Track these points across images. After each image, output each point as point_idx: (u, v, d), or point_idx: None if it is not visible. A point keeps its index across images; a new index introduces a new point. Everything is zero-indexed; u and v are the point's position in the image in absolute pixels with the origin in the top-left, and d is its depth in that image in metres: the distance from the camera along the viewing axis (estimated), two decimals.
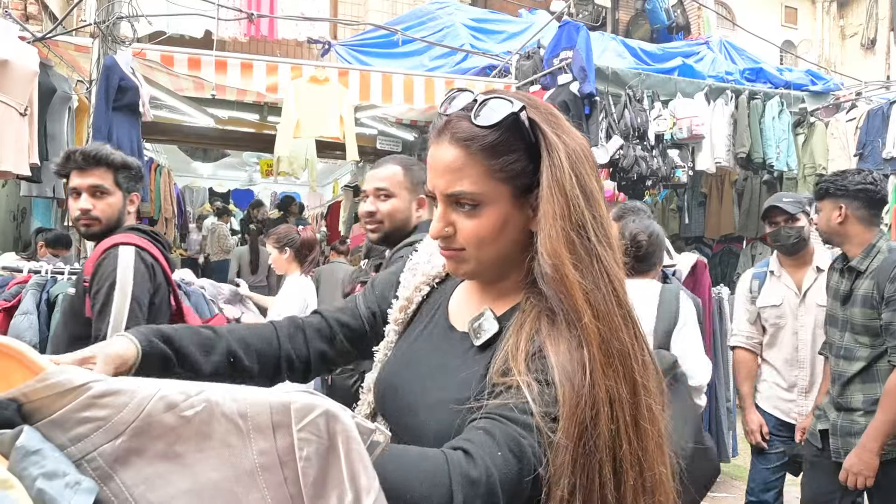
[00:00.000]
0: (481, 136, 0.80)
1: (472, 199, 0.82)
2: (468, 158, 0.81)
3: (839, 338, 2.27)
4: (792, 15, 10.93)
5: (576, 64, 4.38)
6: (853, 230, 2.23)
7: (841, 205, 2.22)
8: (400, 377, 0.93)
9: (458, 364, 0.86)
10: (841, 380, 2.24)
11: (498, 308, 0.88)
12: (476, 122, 0.80)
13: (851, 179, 2.23)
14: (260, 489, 0.62)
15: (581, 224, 0.79)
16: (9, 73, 3.31)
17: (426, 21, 6.00)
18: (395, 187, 1.88)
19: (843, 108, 5.80)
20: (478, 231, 0.83)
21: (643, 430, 0.75)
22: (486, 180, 0.81)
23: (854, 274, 2.22)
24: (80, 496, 0.51)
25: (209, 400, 0.61)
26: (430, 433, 0.82)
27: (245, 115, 6.18)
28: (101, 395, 0.58)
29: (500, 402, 0.73)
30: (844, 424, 2.23)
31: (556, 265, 0.77)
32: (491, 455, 0.67)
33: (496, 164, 0.81)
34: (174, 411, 0.59)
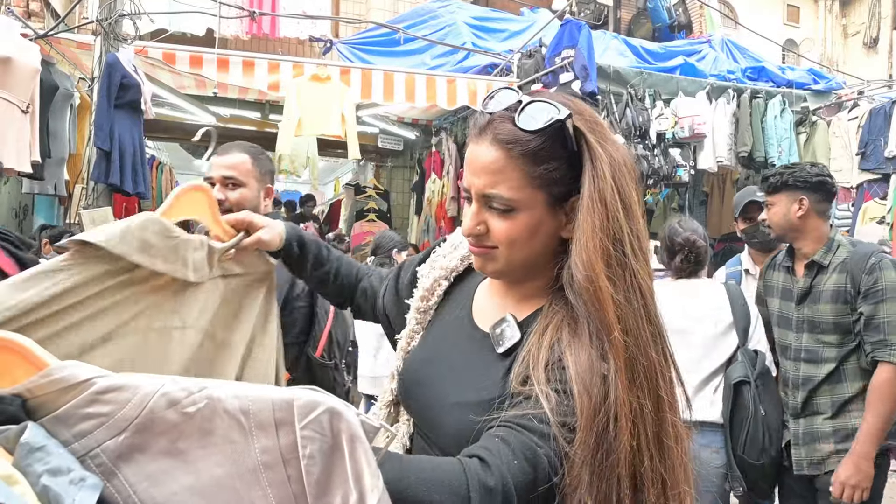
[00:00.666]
0: (524, 140, 0.79)
1: (507, 204, 0.81)
2: (508, 161, 0.80)
3: (794, 339, 2.11)
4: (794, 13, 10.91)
5: (577, 62, 4.37)
6: (812, 224, 2.09)
7: (801, 197, 2.08)
8: (423, 372, 0.94)
9: (479, 367, 0.87)
10: (808, 385, 2.06)
11: (521, 312, 0.88)
12: (520, 124, 0.79)
13: (810, 171, 2.11)
14: (262, 487, 0.62)
15: (618, 237, 0.78)
16: (11, 71, 3.32)
17: (428, 19, 5.99)
18: (244, 176, 1.82)
19: (846, 107, 5.79)
20: (510, 233, 0.82)
21: (666, 447, 0.74)
22: (524, 186, 0.80)
23: (815, 269, 2.07)
24: (84, 492, 0.51)
25: (211, 396, 0.61)
26: (450, 432, 0.84)
27: (247, 113, 6.19)
28: (105, 391, 0.58)
29: (518, 411, 0.73)
30: (808, 431, 2.07)
31: (590, 277, 0.76)
32: (507, 463, 0.68)
33: (535, 171, 0.80)
34: (176, 408, 0.59)
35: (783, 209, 2.11)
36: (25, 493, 0.48)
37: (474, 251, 0.87)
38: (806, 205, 2.07)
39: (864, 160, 5.31)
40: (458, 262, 1.02)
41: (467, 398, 0.83)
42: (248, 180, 1.82)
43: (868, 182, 5.34)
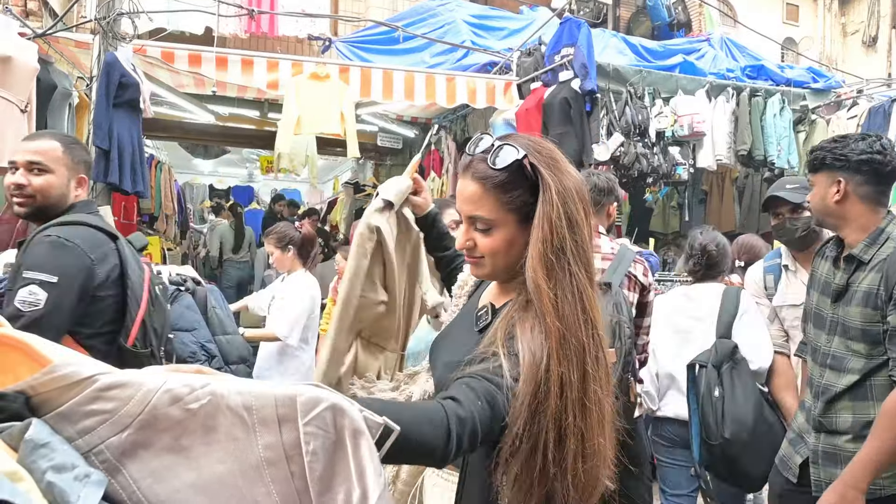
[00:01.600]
0: (494, 175, 1.04)
1: (487, 223, 1.06)
2: (484, 192, 1.05)
3: (826, 342, 1.83)
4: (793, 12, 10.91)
5: (577, 61, 4.37)
6: (854, 211, 1.77)
7: (839, 179, 1.77)
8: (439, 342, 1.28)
9: (463, 338, 1.14)
10: (826, 395, 1.78)
11: (499, 302, 1.15)
12: (490, 164, 1.04)
13: (854, 147, 1.76)
14: (265, 483, 0.62)
15: (560, 247, 1.00)
16: (11, 70, 3.31)
17: (427, 18, 5.98)
18: (52, 162, 1.81)
19: (845, 106, 5.79)
20: (491, 246, 1.07)
21: (588, 409, 0.96)
22: (498, 210, 1.05)
23: (854, 265, 1.77)
24: (89, 489, 0.51)
25: (214, 393, 0.61)
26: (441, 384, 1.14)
27: (246, 111, 6.18)
28: (108, 388, 0.58)
29: (481, 366, 0.96)
30: (828, 451, 1.78)
31: (533, 277, 0.99)
32: (473, 402, 0.89)
33: (505, 198, 1.04)
34: (179, 404, 0.60)
35: (821, 192, 1.82)
36: (30, 489, 0.48)
37: (468, 260, 1.13)
38: (844, 188, 1.76)
39: None
40: None
41: (451, 359, 1.08)
42: (57, 167, 1.82)
43: None
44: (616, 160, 4.63)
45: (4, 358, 0.59)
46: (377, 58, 5.39)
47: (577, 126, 4.31)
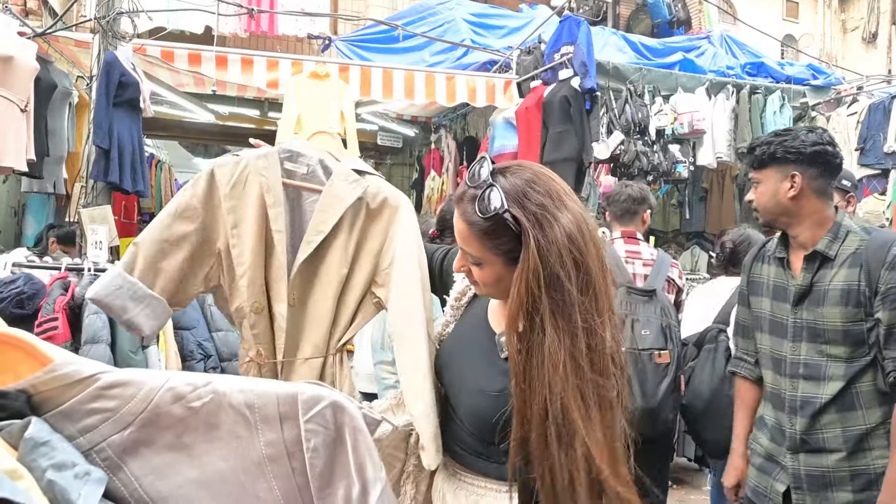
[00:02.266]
0: (478, 223, 1.02)
1: (475, 260, 1.07)
2: (470, 234, 1.05)
3: (791, 350, 1.66)
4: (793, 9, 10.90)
5: (577, 59, 4.36)
6: (810, 206, 1.64)
7: (793, 173, 1.64)
8: (453, 356, 1.24)
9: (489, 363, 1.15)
10: (808, 409, 1.60)
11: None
12: (477, 209, 1.01)
13: (806, 139, 1.64)
14: (267, 479, 0.63)
15: (534, 308, 0.96)
16: (12, 69, 3.32)
17: (427, 16, 5.98)
18: None
19: (845, 103, 5.79)
20: (481, 277, 1.09)
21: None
22: (484, 251, 1.05)
23: (817, 262, 1.63)
24: (89, 486, 0.51)
25: (216, 391, 0.61)
26: (466, 410, 1.16)
27: (246, 110, 6.18)
28: (110, 387, 0.58)
29: None
30: (814, 473, 1.59)
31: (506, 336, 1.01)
32: None
33: (489, 244, 1.04)
34: (182, 402, 0.60)
35: (772, 188, 1.69)
36: (30, 487, 0.48)
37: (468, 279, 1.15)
38: (799, 182, 1.64)
39: (863, 155, 5.30)
40: None
41: (479, 386, 1.13)
42: None
43: (867, 177, 5.34)
44: (616, 158, 4.63)
45: (5, 356, 0.59)
46: (377, 57, 5.39)
47: (577, 124, 4.31)
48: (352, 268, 1.47)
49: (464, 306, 1.30)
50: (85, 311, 2.32)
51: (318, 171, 1.52)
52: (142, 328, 1.35)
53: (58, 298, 2.34)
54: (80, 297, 2.36)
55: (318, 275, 1.46)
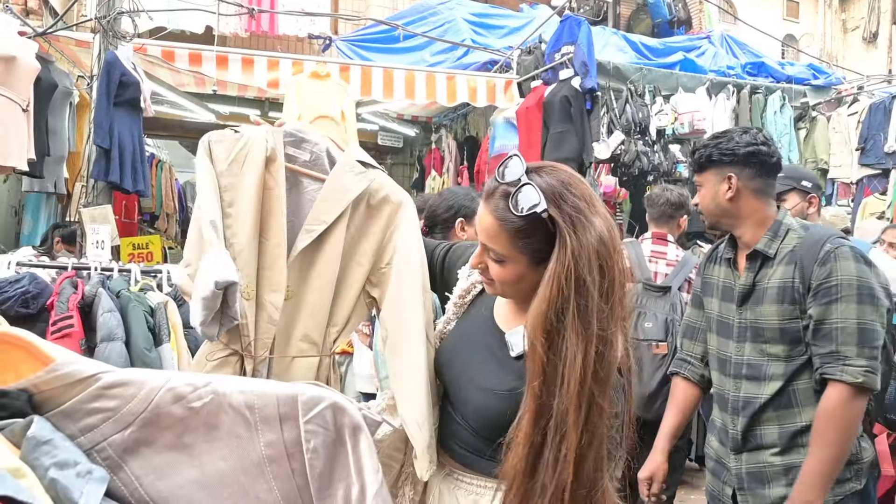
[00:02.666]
0: (511, 220, 1.01)
1: (499, 257, 1.06)
2: (500, 231, 1.03)
3: (735, 351, 1.66)
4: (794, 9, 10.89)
5: (577, 59, 4.37)
6: (748, 206, 1.65)
7: (729, 174, 1.65)
8: (457, 354, 1.22)
9: (497, 362, 1.14)
10: (748, 409, 1.60)
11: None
12: (511, 206, 0.99)
13: (739, 140, 1.66)
14: (267, 480, 0.63)
15: (562, 310, 0.96)
16: (15, 70, 3.33)
17: (427, 16, 5.99)
18: None
19: (845, 103, 5.79)
20: (500, 275, 1.08)
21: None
22: (510, 249, 1.04)
23: (759, 262, 1.63)
24: (91, 485, 0.52)
25: (216, 391, 0.62)
26: (473, 408, 1.14)
27: (246, 110, 6.17)
28: (111, 386, 0.58)
29: None
30: (752, 470, 1.60)
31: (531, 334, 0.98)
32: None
33: (519, 243, 1.03)
34: (182, 402, 0.60)
35: (711, 191, 1.70)
36: (33, 485, 0.48)
37: (482, 277, 1.14)
38: (735, 183, 1.65)
39: (863, 155, 5.30)
40: None
41: (489, 385, 1.12)
42: None
43: (868, 177, 5.34)
44: (616, 158, 4.63)
45: (6, 356, 0.59)
46: (377, 56, 5.40)
47: (578, 124, 4.31)
48: (348, 264, 1.39)
49: (467, 304, 1.28)
50: (98, 309, 2.31)
51: (322, 158, 1.44)
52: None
53: (71, 297, 2.33)
54: (91, 295, 2.36)
55: (314, 267, 1.37)
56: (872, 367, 1.45)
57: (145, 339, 2.33)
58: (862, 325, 1.46)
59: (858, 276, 1.48)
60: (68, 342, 2.23)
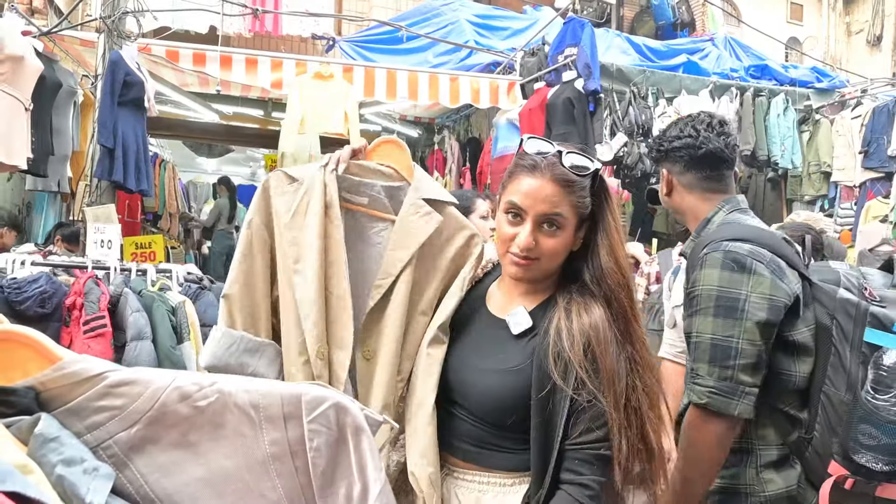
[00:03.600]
0: (575, 180, 1.12)
1: (559, 223, 1.12)
2: (564, 194, 1.11)
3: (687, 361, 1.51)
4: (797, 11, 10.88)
5: (580, 61, 4.37)
6: (685, 202, 1.56)
7: (664, 171, 1.59)
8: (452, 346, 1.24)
9: (497, 343, 1.18)
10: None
11: (528, 304, 1.19)
12: (570, 168, 1.12)
13: (668, 134, 1.56)
14: (271, 478, 0.64)
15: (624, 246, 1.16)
16: (22, 69, 3.36)
17: (430, 17, 5.99)
18: None
19: (849, 106, 5.78)
20: (554, 246, 1.13)
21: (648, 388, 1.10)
22: (570, 210, 1.12)
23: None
24: (98, 482, 0.52)
25: (222, 391, 0.62)
26: (480, 390, 1.15)
27: (250, 110, 6.20)
28: (117, 385, 0.59)
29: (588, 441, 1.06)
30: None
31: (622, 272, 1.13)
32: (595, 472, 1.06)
33: (577, 200, 1.12)
34: (188, 401, 0.61)
35: (660, 188, 1.64)
36: (40, 481, 0.49)
37: (520, 263, 1.13)
38: (667, 179, 1.58)
39: (867, 159, 5.30)
40: (481, 272, 1.34)
41: (492, 366, 1.15)
42: None
43: (871, 180, 5.33)
44: (619, 160, 4.63)
45: (13, 354, 0.60)
46: (381, 57, 5.40)
47: (581, 126, 4.32)
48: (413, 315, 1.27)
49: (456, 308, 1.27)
50: (126, 309, 2.37)
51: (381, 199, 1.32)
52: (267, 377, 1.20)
53: (100, 297, 2.38)
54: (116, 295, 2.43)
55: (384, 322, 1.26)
56: (722, 388, 1.27)
57: (170, 337, 2.41)
58: (715, 341, 1.29)
59: (720, 286, 1.30)
60: (101, 342, 2.31)
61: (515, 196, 1.13)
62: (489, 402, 1.13)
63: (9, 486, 0.44)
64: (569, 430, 1.06)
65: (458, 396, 1.20)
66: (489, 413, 1.14)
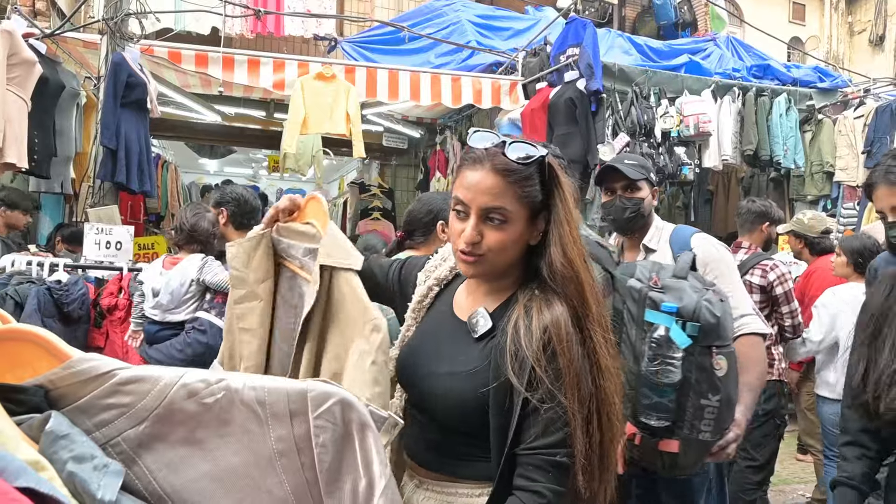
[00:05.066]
0: (517, 169, 1.06)
1: (504, 216, 1.06)
2: (507, 185, 1.06)
3: None
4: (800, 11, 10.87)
5: (582, 61, 4.37)
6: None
7: None
8: (415, 354, 1.20)
9: (459, 346, 1.14)
10: None
11: (490, 304, 1.15)
12: (511, 157, 1.06)
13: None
14: (277, 474, 0.64)
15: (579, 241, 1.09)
16: (31, 73, 3.41)
17: (432, 18, 6.00)
18: None
19: (852, 105, 5.77)
20: (501, 241, 1.07)
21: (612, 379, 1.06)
22: (516, 203, 1.06)
23: None
24: (108, 478, 0.53)
25: (229, 388, 0.63)
26: (440, 393, 1.11)
27: (252, 111, 6.21)
28: (126, 383, 0.60)
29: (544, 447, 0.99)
30: None
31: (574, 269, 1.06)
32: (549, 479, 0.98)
33: (523, 192, 1.07)
34: (195, 399, 0.61)
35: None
36: (52, 478, 0.49)
37: (466, 259, 1.09)
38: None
39: (869, 158, 5.29)
40: (448, 272, 1.29)
41: (449, 369, 1.11)
42: None
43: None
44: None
45: (23, 351, 0.60)
46: (383, 58, 5.41)
47: (583, 126, 4.32)
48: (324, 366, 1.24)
49: (426, 308, 1.27)
50: None
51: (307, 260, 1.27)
52: None
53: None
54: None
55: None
56: None
57: None
58: None
59: None
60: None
61: (459, 191, 1.09)
62: (449, 407, 1.09)
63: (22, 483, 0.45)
64: (522, 434, 1.00)
65: (422, 404, 1.16)
66: (451, 420, 1.10)
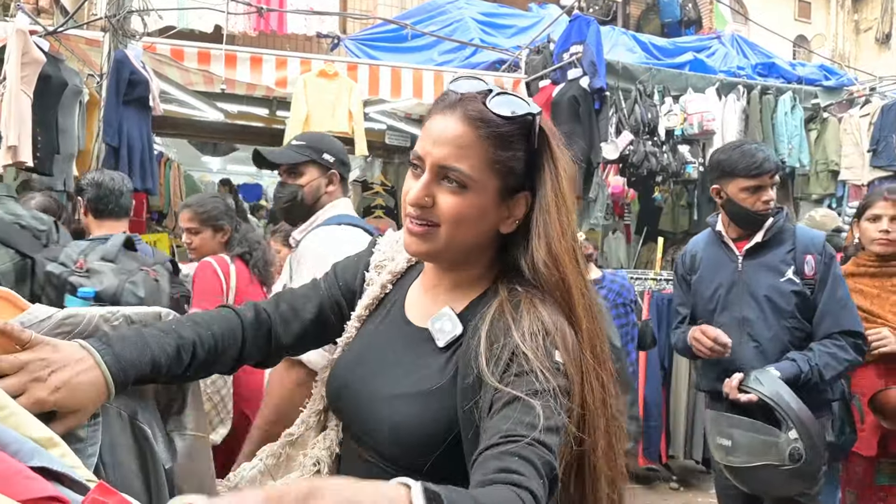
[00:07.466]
0: (495, 122, 0.81)
1: (463, 181, 0.81)
2: (475, 139, 0.81)
3: None
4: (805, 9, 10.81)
5: (586, 58, 4.35)
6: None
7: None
8: (353, 373, 0.92)
9: (413, 360, 0.87)
10: None
11: (456, 303, 0.89)
12: (493, 108, 0.80)
13: None
14: None
15: (574, 235, 0.85)
16: (36, 71, 3.42)
17: (435, 15, 5.98)
18: None
19: (857, 104, 5.74)
20: (458, 210, 0.82)
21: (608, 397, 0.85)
22: (483, 167, 0.81)
23: None
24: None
25: (124, 314, 0.90)
26: (387, 425, 0.83)
27: (254, 109, 6.19)
28: (66, 318, 0.82)
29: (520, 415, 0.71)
30: None
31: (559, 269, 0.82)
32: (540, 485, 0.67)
33: (498, 156, 0.81)
34: (108, 323, 0.88)
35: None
36: (65, 454, 0.52)
37: (415, 230, 0.84)
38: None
39: (875, 157, 5.26)
40: (405, 264, 1.01)
41: (403, 390, 0.84)
42: None
43: (879, 179, 5.29)
44: (625, 159, 4.61)
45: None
46: (386, 56, 5.39)
47: (586, 124, 4.30)
48: None
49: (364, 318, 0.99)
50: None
51: None
52: None
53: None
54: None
55: None
56: None
57: None
58: None
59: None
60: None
61: (419, 142, 0.87)
62: (404, 437, 0.82)
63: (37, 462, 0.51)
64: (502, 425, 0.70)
65: (367, 438, 0.88)
66: (405, 454, 0.82)
